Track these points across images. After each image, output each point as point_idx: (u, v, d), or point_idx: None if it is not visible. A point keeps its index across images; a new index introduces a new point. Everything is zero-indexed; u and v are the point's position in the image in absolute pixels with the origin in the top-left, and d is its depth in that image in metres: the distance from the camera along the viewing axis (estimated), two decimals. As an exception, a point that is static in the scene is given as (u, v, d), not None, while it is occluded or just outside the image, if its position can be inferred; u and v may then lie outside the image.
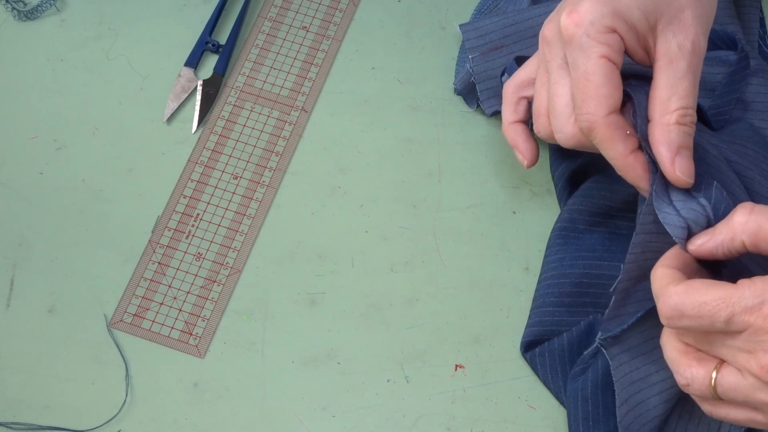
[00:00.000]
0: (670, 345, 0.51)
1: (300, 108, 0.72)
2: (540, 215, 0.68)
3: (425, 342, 0.64)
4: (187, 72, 0.72)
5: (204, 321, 0.65)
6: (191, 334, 0.64)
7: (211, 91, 0.72)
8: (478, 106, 0.71)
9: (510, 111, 0.61)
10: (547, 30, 0.55)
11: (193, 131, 0.71)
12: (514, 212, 0.68)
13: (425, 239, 0.67)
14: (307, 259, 0.67)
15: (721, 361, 0.49)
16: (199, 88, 0.72)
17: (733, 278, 0.49)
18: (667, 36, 0.53)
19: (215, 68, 0.73)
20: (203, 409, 0.62)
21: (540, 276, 0.65)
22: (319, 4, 0.75)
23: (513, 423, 0.62)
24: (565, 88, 0.55)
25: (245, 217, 0.68)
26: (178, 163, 0.69)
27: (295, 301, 0.65)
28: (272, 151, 0.70)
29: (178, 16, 0.75)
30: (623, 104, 0.55)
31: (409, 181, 0.69)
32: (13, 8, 0.74)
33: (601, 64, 0.52)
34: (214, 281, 0.66)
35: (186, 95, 0.72)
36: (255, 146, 0.70)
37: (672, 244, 0.52)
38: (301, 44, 0.74)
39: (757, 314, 0.46)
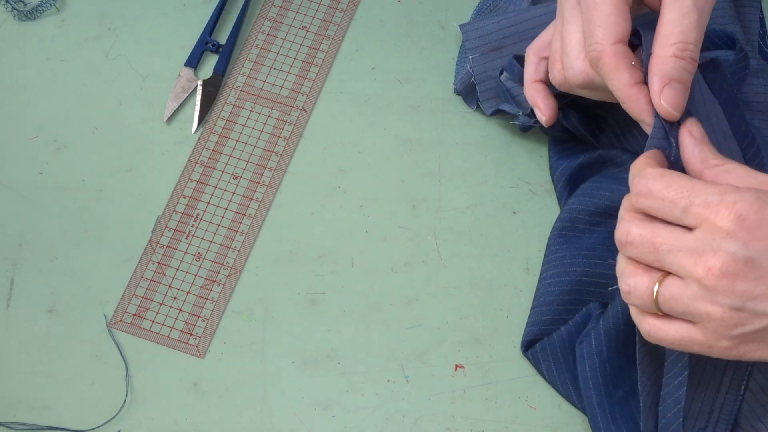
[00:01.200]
0: (622, 258, 0.52)
1: (300, 108, 0.72)
2: (540, 215, 0.68)
3: (425, 342, 0.64)
4: (187, 72, 0.72)
5: (204, 321, 0.65)
6: (191, 334, 0.64)
7: (211, 91, 0.72)
8: (478, 106, 0.71)
9: (531, 71, 0.63)
10: None
11: (193, 131, 0.71)
12: (514, 212, 0.68)
13: (425, 239, 0.67)
14: (307, 259, 0.67)
15: (666, 273, 0.49)
16: (199, 88, 0.72)
17: None
18: None
19: (215, 68, 0.73)
20: (203, 409, 0.62)
21: (540, 275, 0.65)
22: (319, 4, 0.75)
23: (513, 423, 0.62)
24: (577, 25, 0.57)
25: (245, 217, 0.68)
26: (178, 163, 0.69)
27: (295, 301, 0.65)
28: (272, 151, 0.70)
29: (178, 16, 0.75)
30: (635, 48, 0.56)
31: (409, 181, 0.69)
32: (13, 8, 0.74)
33: None
34: (214, 281, 0.66)
35: (186, 95, 0.72)
36: (255, 146, 0.70)
37: None
38: (301, 44, 0.74)
39: (714, 210, 0.47)
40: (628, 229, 0.50)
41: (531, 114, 0.67)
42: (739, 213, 0.46)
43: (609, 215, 0.65)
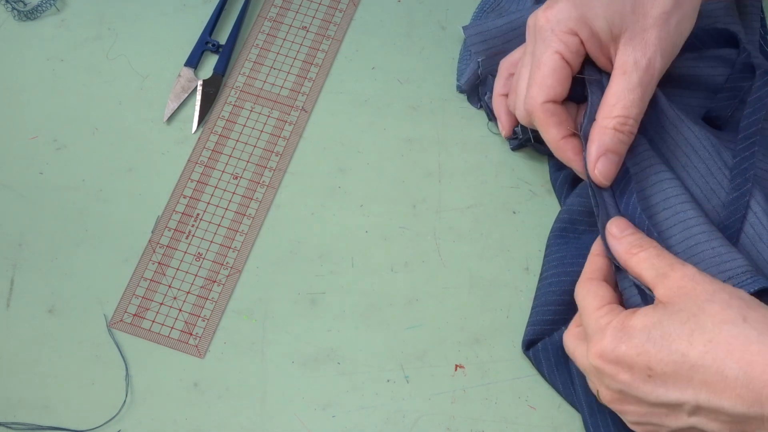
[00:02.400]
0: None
1: (300, 108, 0.72)
2: (540, 215, 0.68)
3: (425, 342, 0.64)
4: (187, 72, 0.72)
5: (204, 321, 0.65)
6: (191, 334, 0.64)
7: (211, 91, 0.72)
8: (481, 106, 0.71)
9: (500, 84, 0.67)
10: (530, 21, 0.61)
11: (193, 131, 0.71)
12: (514, 212, 0.68)
13: (425, 239, 0.67)
14: (307, 259, 0.67)
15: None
16: (199, 88, 0.72)
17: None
18: (627, 50, 0.58)
19: (215, 68, 0.73)
20: (203, 409, 0.62)
21: (541, 275, 0.65)
22: (319, 4, 0.75)
23: (513, 423, 0.62)
24: (526, 74, 0.61)
25: (245, 217, 0.68)
26: (178, 163, 0.69)
27: (295, 301, 0.65)
28: (272, 151, 0.70)
29: (178, 16, 0.75)
30: (581, 103, 0.61)
31: (409, 181, 0.69)
32: (13, 8, 0.74)
33: (553, 58, 0.58)
34: (214, 281, 0.66)
35: (186, 95, 0.72)
36: (255, 146, 0.70)
37: None
38: (301, 44, 0.74)
39: (589, 343, 0.55)
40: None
41: (518, 133, 0.68)
42: (599, 352, 0.53)
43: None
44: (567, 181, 0.67)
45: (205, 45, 0.73)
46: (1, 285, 0.65)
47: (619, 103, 0.58)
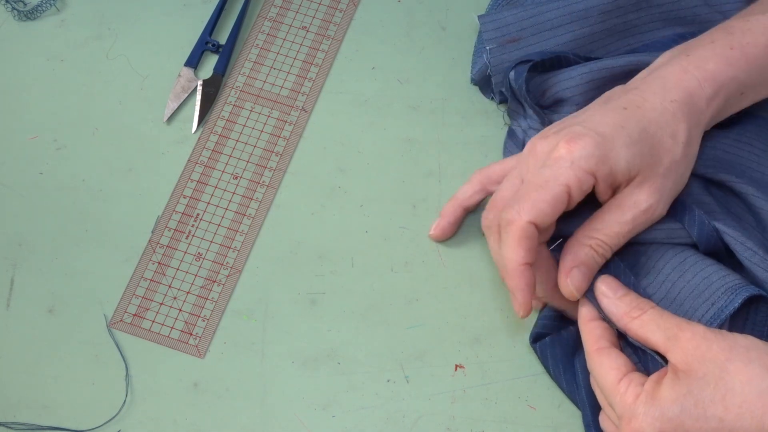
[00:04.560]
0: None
1: (300, 108, 0.72)
2: (540, 215, 0.68)
3: (425, 342, 0.64)
4: (187, 72, 0.72)
5: (204, 321, 0.65)
6: (191, 334, 0.64)
7: (211, 91, 0.72)
8: (493, 98, 0.71)
9: (466, 190, 0.66)
10: (540, 146, 0.58)
11: (193, 131, 0.71)
12: (514, 212, 0.68)
13: (425, 239, 0.67)
14: (307, 259, 0.67)
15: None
16: (199, 88, 0.72)
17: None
18: (633, 191, 0.57)
19: (215, 68, 0.73)
20: (203, 409, 0.62)
21: None
22: (319, 4, 0.75)
23: (513, 423, 0.62)
24: (521, 184, 0.59)
25: (245, 217, 0.68)
26: (178, 163, 0.69)
27: (295, 301, 0.65)
28: (272, 151, 0.70)
29: (178, 16, 0.75)
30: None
31: (409, 181, 0.69)
32: (13, 8, 0.74)
33: (559, 190, 0.56)
34: (214, 281, 0.66)
35: (186, 95, 0.72)
36: (255, 146, 0.70)
37: None
38: (301, 44, 0.74)
39: (620, 422, 0.53)
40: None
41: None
42: (635, 430, 0.52)
43: None
44: None
45: (205, 45, 0.73)
46: (1, 285, 0.65)
47: (604, 230, 0.58)
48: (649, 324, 0.54)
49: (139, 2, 0.75)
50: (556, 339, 0.62)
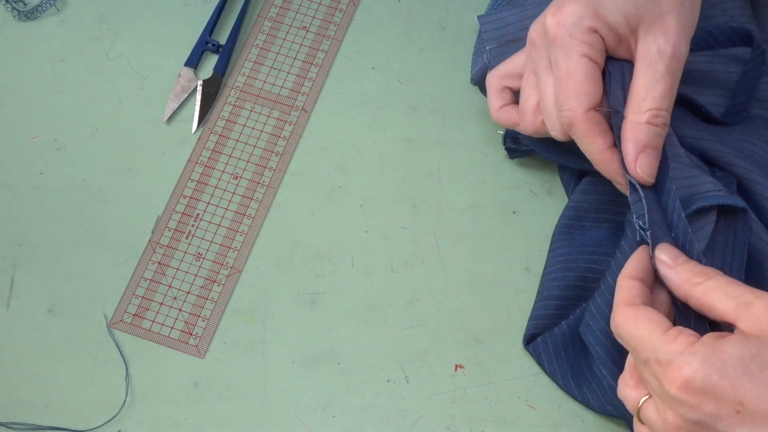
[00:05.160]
0: (628, 362, 0.54)
1: (300, 108, 0.72)
2: (540, 215, 0.68)
3: (425, 342, 0.64)
4: (187, 72, 0.72)
5: (204, 321, 0.65)
6: (191, 334, 0.64)
7: (211, 91, 0.72)
8: None
9: (496, 98, 0.63)
10: (534, 32, 0.57)
11: (193, 131, 0.71)
12: (514, 212, 0.68)
13: (425, 239, 0.67)
14: (307, 259, 0.67)
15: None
16: (199, 88, 0.72)
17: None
18: (647, 39, 0.54)
19: (215, 68, 0.73)
20: (203, 409, 0.62)
21: (544, 269, 0.65)
22: (319, 4, 0.75)
23: (513, 423, 0.62)
24: (551, 87, 0.57)
25: (245, 217, 0.68)
26: (178, 163, 0.69)
27: (295, 301, 0.65)
28: (272, 151, 0.70)
29: (178, 16, 0.75)
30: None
31: (409, 181, 0.69)
32: (13, 8, 0.74)
33: (582, 62, 0.54)
34: (214, 281, 0.66)
35: (186, 95, 0.72)
36: (255, 146, 0.70)
37: None
38: (301, 44, 0.74)
39: (664, 371, 0.48)
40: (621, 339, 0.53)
41: (515, 139, 0.67)
42: (684, 380, 0.47)
43: (615, 211, 0.65)
44: (573, 175, 0.67)
45: (205, 45, 0.73)
46: (1, 285, 0.65)
47: (649, 95, 0.54)
48: (716, 290, 0.50)
49: (139, 2, 0.75)
50: (548, 337, 0.62)
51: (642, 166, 0.55)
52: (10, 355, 0.63)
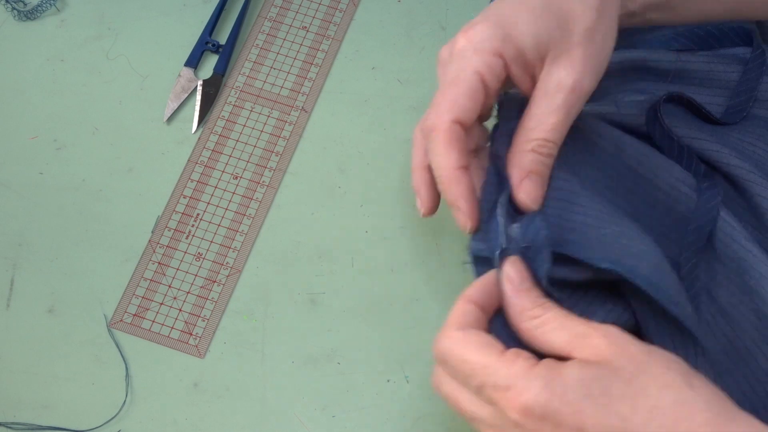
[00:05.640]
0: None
1: (300, 108, 0.72)
2: (540, 215, 0.68)
3: (425, 342, 0.64)
4: (187, 72, 0.72)
5: (204, 321, 0.65)
6: (191, 334, 0.64)
7: (211, 91, 0.72)
8: None
9: (419, 155, 0.57)
10: (444, 51, 0.54)
11: (193, 131, 0.71)
12: (514, 212, 0.68)
13: (425, 239, 0.67)
14: (307, 259, 0.67)
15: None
16: (199, 88, 0.72)
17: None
18: (551, 69, 0.52)
19: (215, 68, 0.73)
20: (203, 409, 0.62)
21: None
22: (319, 4, 0.75)
23: (513, 423, 0.62)
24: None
25: (245, 217, 0.68)
26: (178, 163, 0.69)
27: (295, 301, 0.65)
28: (272, 151, 0.70)
29: (178, 16, 0.75)
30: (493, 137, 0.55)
31: (409, 181, 0.69)
32: (13, 8, 0.74)
33: (473, 78, 0.51)
34: (214, 281, 0.66)
35: (186, 95, 0.72)
36: (255, 146, 0.70)
37: None
38: (301, 44, 0.74)
39: (503, 397, 0.45)
40: (440, 382, 0.49)
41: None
42: (525, 405, 0.44)
43: None
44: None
45: (205, 45, 0.73)
46: (1, 285, 0.65)
47: (539, 126, 0.52)
48: (552, 322, 0.47)
49: (139, 2, 0.75)
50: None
51: (526, 190, 0.52)
52: (10, 355, 0.63)
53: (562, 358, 0.46)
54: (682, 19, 0.60)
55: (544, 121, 0.52)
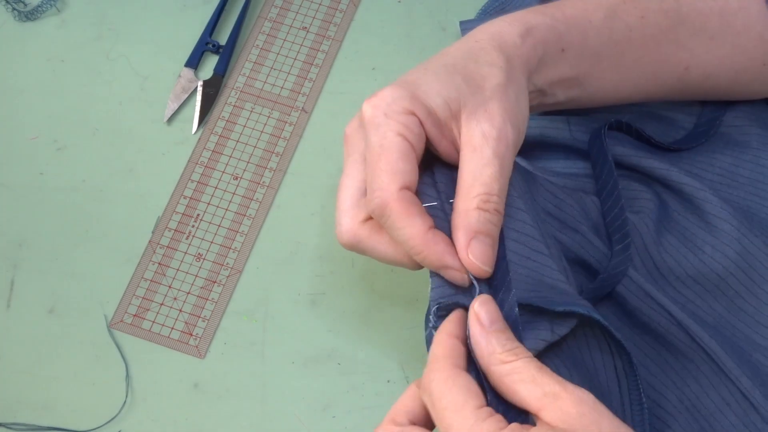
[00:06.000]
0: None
1: (300, 108, 0.72)
2: (540, 215, 0.68)
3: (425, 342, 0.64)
4: (188, 72, 0.72)
5: (204, 321, 0.65)
6: (191, 335, 0.64)
7: (212, 92, 0.72)
8: None
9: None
10: (348, 128, 0.53)
11: (193, 132, 0.71)
12: (514, 212, 0.68)
13: (425, 239, 0.67)
14: (307, 259, 0.67)
15: None
16: (200, 88, 0.72)
17: None
18: (471, 124, 0.50)
19: (215, 69, 0.73)
20: (203, 409, 0.62)
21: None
22: (319, 4, 0.76)
23: (513, 423, 0.62)
24: (354, 180, 0.51)
25: (245, 217, 0.68)
26: (179, 163, 0.69)
27: (295, 301, 0.65)
28: (272, 152, 0.70)
29: (179, 16, 0.75)
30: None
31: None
32: (13, 8, 0.74)
33: (397, 140, 0.49)
34: (215, 282, 0.66)
35: (186, 96, 0.72)
36: (255, 147, 0.70)
37: None
38: (302, 45, 0.74)
39: None
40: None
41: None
42: None
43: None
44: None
45: (205, 45, 0.73)
46: (1, 285, 0.65)
47: (477, 181, 0.49)
48: (522, 372, 0.44)
49: (139, 2, 0.75)
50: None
51: (475, 252, 0.48)
52: (10, 355, 0.63)
53: (528, 412, 0.44)
54: (592, 100, 0.58)
55: (482, 174, 0.49)
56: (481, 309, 0.47)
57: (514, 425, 0.43)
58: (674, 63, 0.58)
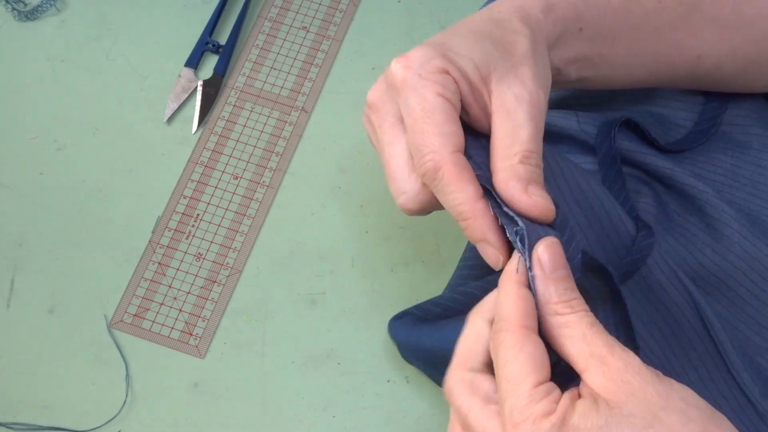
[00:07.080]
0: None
1: (300, 108, 0.72)
2: (540, 215, 0.68)
3: (425, 342, 0.64)
4: (188, 72, 0.72)
5: (204, 321, 0.65)
6: (191, 335, 0.64)
7: (212, 92, 0.72)
8: None
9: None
10: (372, 94, 0.51)
11: (193, 131, 0.71)
12: (514, 212, 0.68)
13: (425, 239, 0.67)
14: (307, 259, 0.67)
15: None
16: (200, 88, 0.72)
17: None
18: (502, 88, 0.49)
19: (215, 69, 0.73)
20: (203, 409, 0.62)
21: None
22: (319, 4, 0.76)
23: (513, 423, 0.62)
24: (401, 145, 0.50)
25: (245, 217, 0.68)
26: (179, 163, 0.69)
27: (295, 301, 0.65)
28: (272, 152, 0.70)
29: (178, 16, 0.75)
30: None
31: (409, 181, 0.69)
32: (13, 8, 0.74)
33: (439, 101, 0.47)
34: (215, 281, 0.66)
35: (186, 95, 0.72)
36: (255, 146, 0.70)
37: None
38: (302, 44, 0.74)
39: (512, 430, 0.41)
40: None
41: None
42: None
43: None
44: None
45: (205, 45, 0.73)
46: (1, 285, 0.65)
47: (515, 141, 0.47)
48: (574, 329, 0.43)
49: (139, 2, 0.75)
50: (407, 316, 0.58)
51: (536, 196, 0.46)
52: (10, 355, 0.63)
53: (574, 369, 0.43)
54: (603, 81, 0.58)
55: (518, 135, 0.48)
56: (545, 252, 0.44)
57: (565, 398, 0.42)
58: (687, 50, 0.58)
